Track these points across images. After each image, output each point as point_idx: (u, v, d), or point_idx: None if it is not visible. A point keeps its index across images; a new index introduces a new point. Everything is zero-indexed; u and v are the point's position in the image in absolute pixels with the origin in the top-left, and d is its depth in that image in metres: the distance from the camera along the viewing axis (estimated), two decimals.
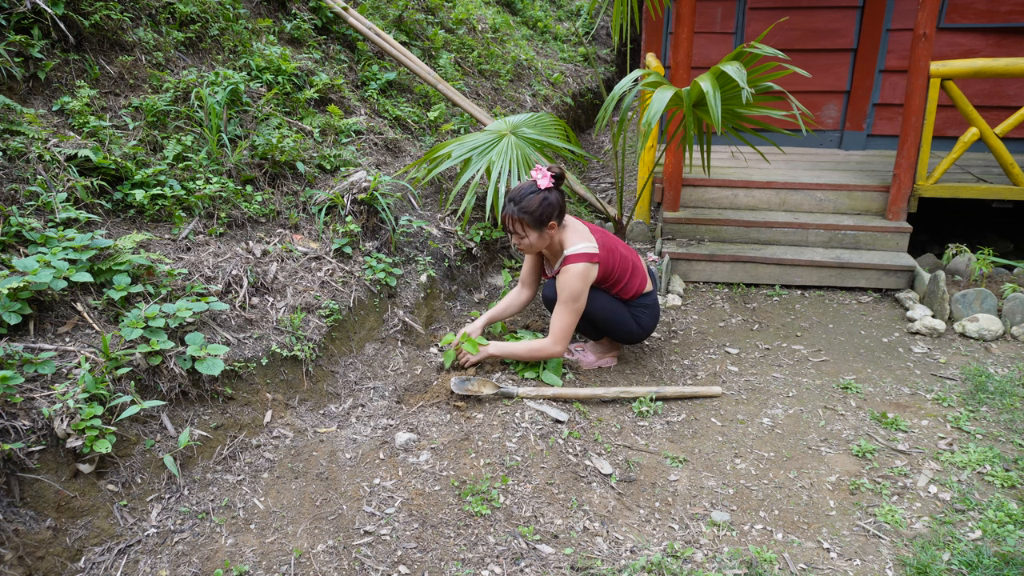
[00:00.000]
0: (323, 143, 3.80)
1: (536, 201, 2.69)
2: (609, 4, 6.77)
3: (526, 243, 2.78)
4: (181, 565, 1.90)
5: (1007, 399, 2.85)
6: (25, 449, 1.87)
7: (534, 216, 2.69)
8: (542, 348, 2.85)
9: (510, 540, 2.05)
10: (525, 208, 2.69)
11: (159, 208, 2.85)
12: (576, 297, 2.75)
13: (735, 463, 2.49)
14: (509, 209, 2.73)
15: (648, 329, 3.04)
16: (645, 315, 3.01)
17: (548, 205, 2.70)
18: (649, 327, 3.04)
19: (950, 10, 5.08)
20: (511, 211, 2.72)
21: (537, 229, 2.73)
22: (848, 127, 5.53)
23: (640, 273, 2.99)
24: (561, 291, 2.76)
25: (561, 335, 2.80)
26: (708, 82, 3.14)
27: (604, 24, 9.84)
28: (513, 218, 2.72)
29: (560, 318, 2.78)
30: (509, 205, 2.73)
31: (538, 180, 2.72)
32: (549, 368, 2.90)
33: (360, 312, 3.14)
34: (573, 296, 2.75)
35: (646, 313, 3.01)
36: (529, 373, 2.89)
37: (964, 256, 3.91)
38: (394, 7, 5.22)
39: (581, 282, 2.74)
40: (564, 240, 2.82)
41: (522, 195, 2.71)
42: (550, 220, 2.73)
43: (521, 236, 2.76)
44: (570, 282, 2.73)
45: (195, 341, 2.34)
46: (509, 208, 2.73)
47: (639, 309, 3.00)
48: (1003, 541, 2.07)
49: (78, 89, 2.96)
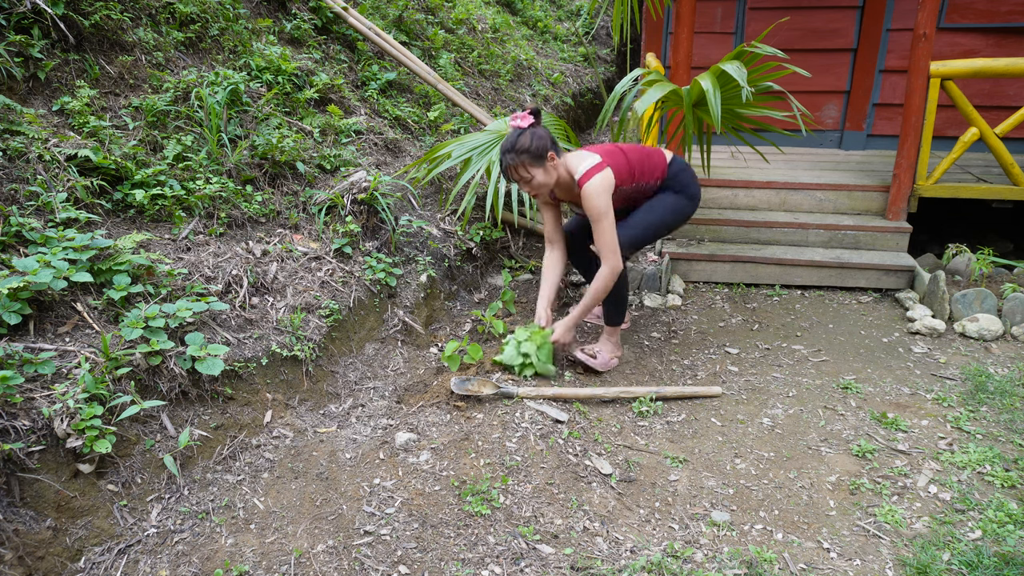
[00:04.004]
0: (323, 143, 3.80)
1: (527, 138, 2.73)
2: (609, 4, 6.77)
3: (537, 183, 2.79)
4: (181, 565, 1.90)
5: (1007, 399, 2.85)
6: (25, 449, 1.87)
7: (531, 153, 2.72)
8: (604, 278, 2.86)
9: (510, 540, 2.05)
10: (520, 149, 2.72)
11: (159, 208, 2.85)
12: (607, 210, 2.78)
13: (735, 463, 2.49)
14: (507, 160, 2.76)
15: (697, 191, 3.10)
16: (686, 176, 3.05)
17: (539, 137, 2.73)
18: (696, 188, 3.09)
19: (950, 10, 5.07)
20: (510, 160, 2.75)
21: (539, 164, 2.75)
22: (848, 127, 5.53)
23: (653, 149, 3.05)
24: (592, 213, 2.78)
25: (612, 248, 2.83)
26: (708, 81, 3.14)
27: (604, 24, 9.83)
28: (513, 164, 2.75)
29: (604, 235, 2.81)
30: (506, 156, 2.76)
31: (519, 124, 2.77)
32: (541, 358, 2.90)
33: (360, 312, 3.14)
34: (603, 210, 2.77)
35: (686, 174, 3.06)
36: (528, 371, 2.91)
37: (964, 256, 3.91)
38: (394, 7, 5.22)
39: (604, 194, 2.77)
40: (570, 168, 2.84)
41: (512, 141, 2.74)
42: (547, 151, 2.75)
43: (528, 178, 2.77)
44: (594, 201, 2.76)
45: (195, 341, 2.34)
46: (507, 159, 2.76)
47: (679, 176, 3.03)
48: (1003, 541, 2.07)
49: (78, 89, 2.96)
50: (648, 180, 2.99)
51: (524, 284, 4.00)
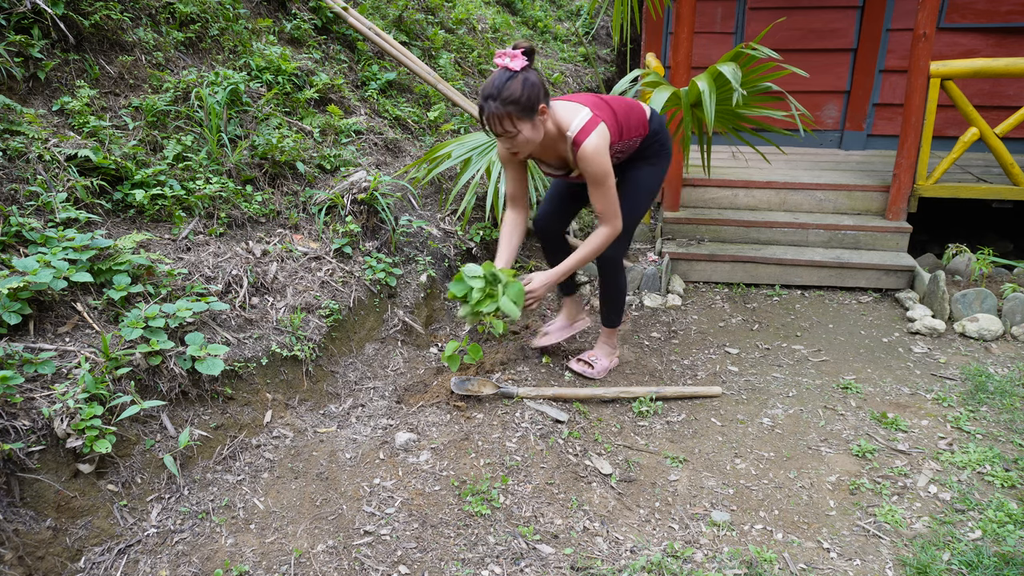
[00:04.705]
0: (323, 143, 3.80)
1: (518, 85, 2.28)
2: (609, 4, 6.77)
3: (521, 139, 2.37)
4: (181, 565, 1.90)
5: (1007, 399, 2.85)
6: (25, 449, 1.87)
7: (520, 104, 2.29)
8: (603, 236, 2.58)
9: (510, 540, 2.05)
10: (509, 98, 2.27)
11: (159, 208, 2.85)
12: (608, 172, 2.47)
13: (735, 463, 2.49)
14: (491, 108, 2.29)
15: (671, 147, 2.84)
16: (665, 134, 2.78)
17: (532, 86, 2.30)
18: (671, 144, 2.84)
19: (950, 10, 5.08)
20: (494, 109, 2.29)
21: (528, 118, 2.34)
22: (848, 127, 5.53)
23: (633, 101, 2.74)
24: (593, 175, 2.48)
25: (614, 212, 2.57)
26: (704, 82, 3.15)
27: (604, 24, 9.83)
28: (498, 115, 2.30)
29: (604, 198, 2.52)
30: (488, 103, 2.29)
31: (509, 64, 2.31)
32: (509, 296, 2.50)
33: (360, 312, 3.14)
34: (605, 172, 2.47)
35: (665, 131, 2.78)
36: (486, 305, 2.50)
37: (964, 256, 3.91)
38: (394, 7, 5.22)
39: (605, 153, 2.46)
40: (560, 121, 2.47)
41: (499, 86, 2.28)
42: (539, 103, 2.34)
43: (513, 133, 2.35)
44: (595, 163, 2.45)
45: (195, 341, 2.34)
46: (490, 107, 2.29)
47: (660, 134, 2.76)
48: (1003, 541, 2.07)
49: (78, 89, 2.96)
50: (633, 136, 2.67)
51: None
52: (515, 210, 2.75)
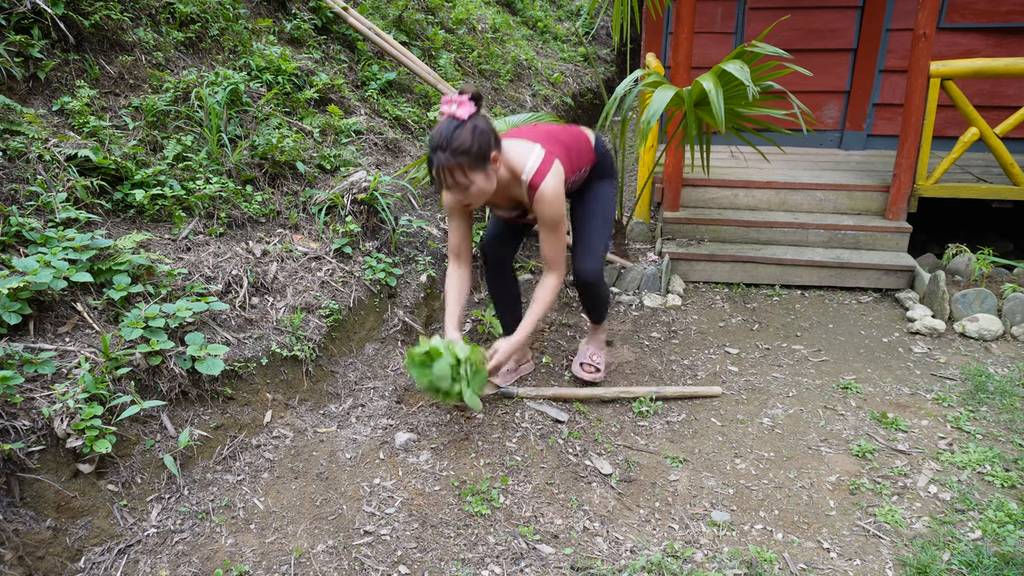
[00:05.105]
0: (323, 143, 3.80)
1: (467, 135, 2.15)
2: (609, 4, 6.77)
3: (475, 191, 2.23)
4: (181, 565, 1.90)
5: (1007, 399, 2.85)
6: (25, 449, 1.87)
7: (472, 155, 2.16)
8: (553, 289, 2.50)
9: (510, 540, 2.05)
10: (459, 148, 2.14)
11: (159, 208, 2.85)
12: (562, 216, 2.42)
13: (735, 463, 2.49)
14: (440, 159, 2.15)
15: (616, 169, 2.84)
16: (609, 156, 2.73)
17: (482, 133, 2.18)
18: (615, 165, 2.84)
19: (950, 10, 5.07)
20: (444, 161, 2.14)
21: (481, 168, 2.20)
22: (848, 127, 5.53)
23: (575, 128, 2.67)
24: (549, 220, 2.40)
25: (561, 261, 2.51)
26: (710, 81, 3.14)
27: (604, 24, 9.83)
28: (449, 168, 2.15)
29: (556, 244, 2.46)
30: (437, 155, 2.15)
31: (456, 112, 2.17)
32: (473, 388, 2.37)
33: (360, 312, 3.14)
34: (561, 216, 2.41)
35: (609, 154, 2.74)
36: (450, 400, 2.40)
37: (964, 256, 3.91)
38: (394, 7, 5.22)
39: (562, 196, 2.39)
40: (512, 164, 2.36)
41: (447, 136, 2.14)
42: (491, 151, 2.21)
43: (466, 185, 2.21)
44: (553, 207, 2.37)
45: (195, 341, 2.34)
46: (440, 159, 2.15)
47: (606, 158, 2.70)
48: (1003, 541, 2.07)
49: (78, 89, 2.96)
50: (584, 165, 2.59)
51: (524, 284, 4.00)
52: (459, 264, 2.61)
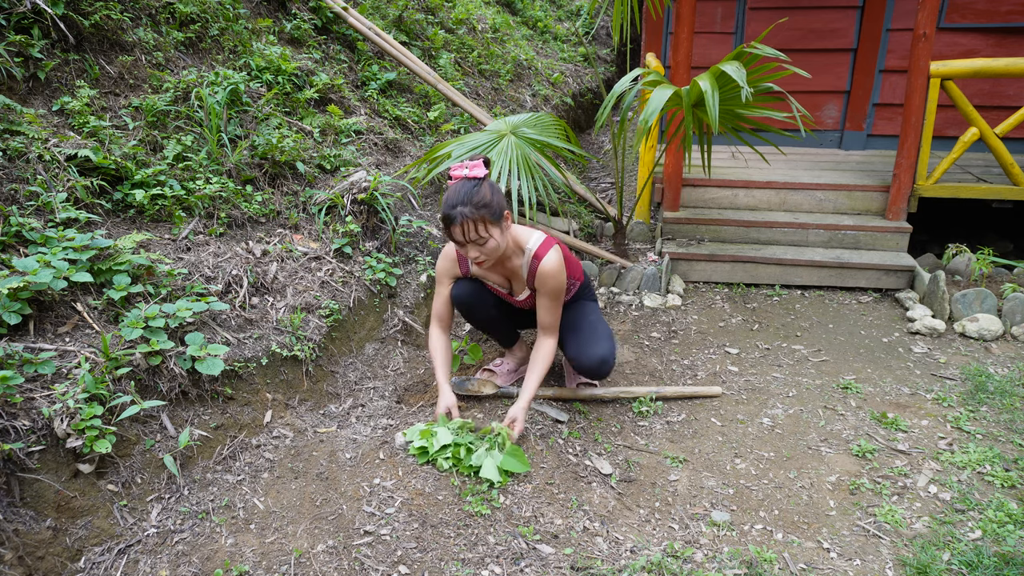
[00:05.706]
0: (323, 143, 3.80)
1: (487, 190, 2.28)
2: (609, 4, 6.77)
3: (491, 245, 2.32)
4: (181, 565, 1.90)
5: (1007, 399, 2.85)
6: (25, 449, 1.87)
7: (492, 208, 2.27)
8: (550, 352, 2.57)
9: (510, 540, 2.05)
10: (480, 202, 2.24)
11: (159, 208, 2.85)
12: (562, 288, 2.51)
13: (735, 463, 2.49)
14: (463, 212, 2.22)
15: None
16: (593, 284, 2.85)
17: (498, 191, 2.33)
18: None
19: (950, 10, 5.07)
20: (468, 213, 2.22)
21: (497, 223, 2.31)
22: (848, 127, 5.53)
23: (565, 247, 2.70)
24: (552, 291, 2.48)
25: (556, 328, 2.59)
26: (707, 82, 3.14)
27: (604, 24, 9.83)
28: (472, 220, 2.23)
29: (555, 314, 2.55)
30: (460, 210, 2.23)
31: (470, 174, 2.32)
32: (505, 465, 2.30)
33: (360, 312, 3.14)
34: (561, 287, 2.49)
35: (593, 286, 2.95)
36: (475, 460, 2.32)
37: (964, 256, 3.91)
38: (394, 7, 5.22)
39: (562, 271, 2.48)
40: (516, 238, 2.49)
41: (469, 192, 2.26)
42: (505, 208, 2.34)
43: (483, 241, 2.29)
44: (557, 278, 2.46)
45: (195, 341, 2.34)
46: (463, 212, 2.22)
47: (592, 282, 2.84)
48: (1003, 541, 2.07)
49: (78, 89, 2.96)
50: (575, 278, 2.73)
51: None
52: (441, 330, 2.69)
